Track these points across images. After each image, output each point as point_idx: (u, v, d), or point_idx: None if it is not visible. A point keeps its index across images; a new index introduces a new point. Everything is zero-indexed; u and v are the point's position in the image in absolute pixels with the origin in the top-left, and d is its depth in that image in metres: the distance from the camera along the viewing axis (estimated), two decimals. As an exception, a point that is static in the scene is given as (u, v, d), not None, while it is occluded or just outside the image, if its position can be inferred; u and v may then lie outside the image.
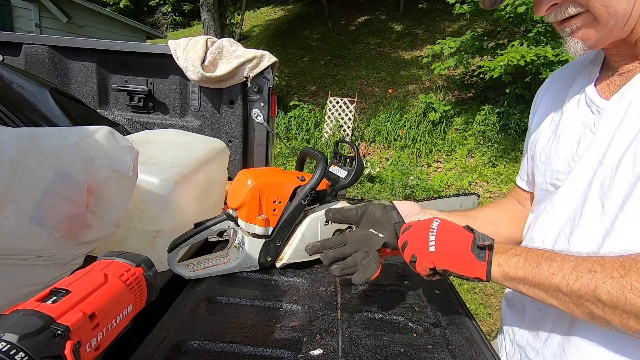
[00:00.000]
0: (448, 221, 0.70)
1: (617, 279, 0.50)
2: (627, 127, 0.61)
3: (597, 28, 0.60)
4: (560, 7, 0.62)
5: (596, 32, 0.61)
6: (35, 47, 1.61)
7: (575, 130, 0.72)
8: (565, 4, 0.61)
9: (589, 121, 0.69)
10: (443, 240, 0.65)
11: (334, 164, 1.06)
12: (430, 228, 0.68)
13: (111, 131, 0.81)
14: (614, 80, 0.69)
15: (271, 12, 15.72)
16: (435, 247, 0.65)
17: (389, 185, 5.75)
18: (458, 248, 0.64)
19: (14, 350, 0.34)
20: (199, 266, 0.90)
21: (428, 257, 0.66)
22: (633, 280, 0.49)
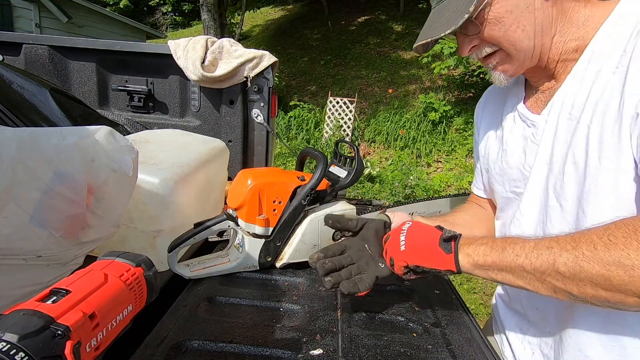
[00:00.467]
0: (419, 222, 0.77)
1: (570, 250, 0.56)
2: (561, 137, 0.73)
3: (512, 62, 0.75)
4: (479, 48, 0.76)
5: (511, 65, 0.75)
6: (35, 47, 1.61)
7: (518, 143, 0.84)
8: (482, 45, 0.75)
9: (528, 133, 0.82)
10: (412, 239, 0.72)
11: (334, 164, 1.06)
12: (401, 230, 0.75)
13: (111, 131, 0.81)
14: (539, 97, 0.82)
15: (271, 12, 15.72)
16: (405, 246, 0.72)
17: (389, 185, 5.75)
18: (426, 244, 0.71)
19: (14, 350, 0.34)
20: (199, 266, 0.90)
21: (400, 256, 0.72)
22: (584, 249, 0.55)
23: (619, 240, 0.53)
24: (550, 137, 0.75)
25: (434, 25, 0.75)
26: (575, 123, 0.70)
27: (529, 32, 0.71)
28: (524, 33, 0.71)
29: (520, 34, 0.71)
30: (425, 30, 0.77)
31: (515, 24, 0.71)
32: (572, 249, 0.56)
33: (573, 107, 0.71)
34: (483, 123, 1.00)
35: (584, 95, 0.69)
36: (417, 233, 0.73)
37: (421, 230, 0.74)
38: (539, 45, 0.73)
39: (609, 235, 0.54)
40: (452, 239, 0.69)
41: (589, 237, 0.56)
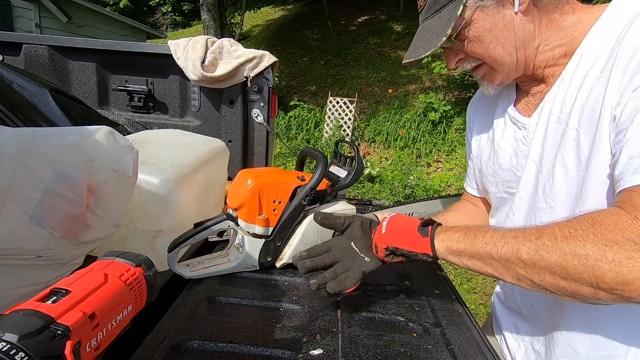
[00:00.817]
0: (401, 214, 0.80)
1: (533, 240, 0.59)
2: (550, 139, 0.75)
3: (496, 74, 0.79)
4: (464, 61, 0.81)
5: (497, 76, 0.80)
6: (35, 47, 1.61)
7: (509, 145, 0.86)
8: (467, 59, 0.80)
9: (519, 136, 0.84)
10: (393, 224, 0.76)
11: (334, 164, 1.06)
12: (385, 218, 0.79)
13: (111, 131, 0.81)
14: (530, 100, 0.84)
15: (271, 12, 15.72)
16: (385, 229, 0.76)
17: (389, 185, 5.75)
18: (405, 228, 0.75)
19: (14, 350, 0.34)
20: (199, 266, 0.90)
21: (381, 238, 0.76)
22: (545, 240, 0.58)
23: (577, 232, 0.56)
24: (540, 139, 0.78)
25: (418, 44, 0.78)
26: (563, 126, 0.72)
27: (509, 48, 0.75)
28: (504, 49, 0.75)
29: (500, 50, 0.75)
30: (411, 47, 0.81)
31: (494, 42, 0.74)
32: (535, 239, 0.59)
33: (561, 111, 0.73)
34: (475, 124, 1.02)
35: (572, 99, 0.71)
36: (398, 220, 0.77)
37: (402, 218, 0.77)
38: (522, 58, 0.76)
39: (569, 228, 0.57)
40: (430, 224, 0.73)
41: (552, 228, 0.59)
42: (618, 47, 0.64)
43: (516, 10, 0.72)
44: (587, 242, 0.54)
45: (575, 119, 0.69)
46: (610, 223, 0.54)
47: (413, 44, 0.81)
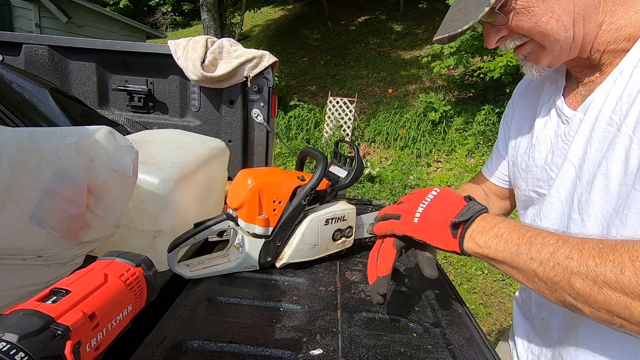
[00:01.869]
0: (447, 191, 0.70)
1: (592, 267, 0.49)
2: (596, 143, 0.64)
3: (545, 53, 0.66)
4: (507, 39, 0.68)
5: (545, 56, 0.66)
6: (35, 47, 1.61)
7: (549, 139, 0.76)
8: (511, 36, 0.67)
9: (560, 131, 0.73)
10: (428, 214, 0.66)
11: (334, 163, 1.06)
12: (424, 198, 0.69)
13: (111, 131, 0.81)
14: (579, 90, 0.72)
15: (271, 12, 15.72)
16: (419, 219, 0.67)
17: (389, 185, 5.75)
18: (438, 222, 0.65)
19: (14, 350, 0.34)
20: (199, 266, 0.90)
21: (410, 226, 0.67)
22: (608, 270, 0.47)
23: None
24: (583, 139, 0.67)
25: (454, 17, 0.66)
26: (615, 130, 0.60)
27: (565, 22, 0.61)
28: (559, 23, 0.61)
29: (554, 24, 0.61)
30: (444, 22, 0.69)
31: (548, 14, 0.61)
32: (594, 266, 0.48)
33: (615, 110, 0.61)
34: (518, 111, 0.91)
35: (630, 98, 0.59)
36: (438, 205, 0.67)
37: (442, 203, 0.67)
38: (580, 35, 0.63)
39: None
40: (461, 224, 0.63)
41: (619, 255, 0.47)
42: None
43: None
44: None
45: (631, 123, 0.58)
46: None
47: (447, 18, 0.68)
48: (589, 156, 0.65)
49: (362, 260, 1.05)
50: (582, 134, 0.67)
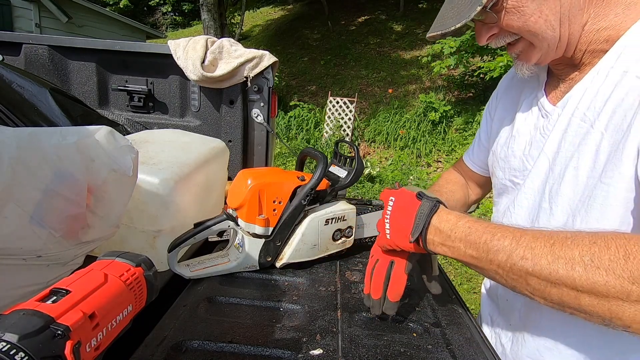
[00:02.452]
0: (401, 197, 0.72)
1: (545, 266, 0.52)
2: (570, 137, 0.68)
3: (535, 51, 0.69)
4: (498, 37, 0.71)
5: (535, 54, 0.70)
6: (35, 47, 1.61)
7: (529, 132, 0.80)
8: (501, 34, 0.70)
9: (540, 124, 0.77)
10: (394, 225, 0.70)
11: (334, 163, 1.06)
12: (387, 213, 0.71)
13: (111, 131, 0.81)
14: (560, 87, 0.76)
15: (271, 12, 15.72)
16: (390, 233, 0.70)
17: (389, 185, 5.75)
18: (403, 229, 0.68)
19: (14, 350, 0.34)
20: (199, 266, 0.90)
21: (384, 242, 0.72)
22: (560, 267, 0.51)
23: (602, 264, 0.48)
24: (559, 134, 0.71)
25: (447, 14, 0.68)
26: (588, 126, 0.64)
27: (552, 22, 0.64)
28: (547, 23, 0.64)
29: (542, 23, 0.64)
30: (437, 19, 0.71)
31: (536, 13, 0.64)
32: (547, 265, 0.52)
33: (589, 107, 0.65)
34: (502, 102, 0.94)
35: (604, 97, 0.63)
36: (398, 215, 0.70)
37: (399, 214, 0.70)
38: (566, 34, 0.66)
39: (593, 256, 0.49)
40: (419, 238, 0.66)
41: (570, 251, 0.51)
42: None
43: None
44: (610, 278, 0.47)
45: (603, 121, 0.62)
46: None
47: (440, 15, 0.70)
48: (562, 149, 0.69)
49: (362, 260, 1.05)
50: (558, 128, 0.71)
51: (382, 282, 0.73)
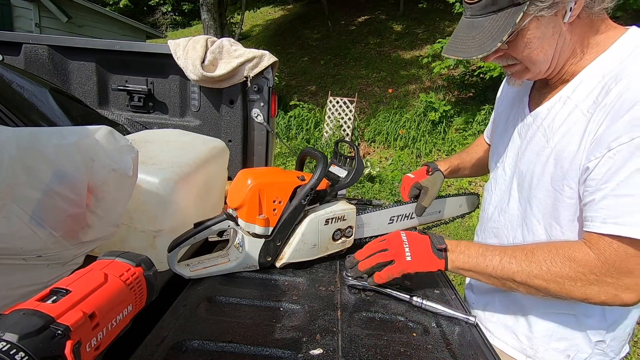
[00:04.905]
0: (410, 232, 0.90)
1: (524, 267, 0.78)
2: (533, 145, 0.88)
3: (528, 73, 0.85)
4: (502, 59, 0.85)
5: (527, 75, 0.86)
6: (35, 47, 1.61)
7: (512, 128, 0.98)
8: (505, 57, 0.84)
9: (519, 124, 0.95)
10: (415, 250, 0.85)
11: (334, 163, 1.06)
12: (402, 240, 0.87)
13: (111, 131, 0.81)
14: (538, 98, 0.92)
15: (271, 12, 15.72)
16: (411, 257, 0.84)
17: (389, 185, 5.75)
18: (424, 253, 0.85)
19: (14, 350, 0.34)
20: (199, 266, 0.90)
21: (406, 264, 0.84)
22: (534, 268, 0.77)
23: (556, 265, 0.76)
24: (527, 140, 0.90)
25: (468, 42, 0.79)
26: (545, 141, 0.84)
27: (549, 55, 0.79)
28: (545, 56, 0.79)
29: (541, 57, 0.79)
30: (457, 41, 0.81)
31: (539, 48, 0.78)
32: (525, 267, 0.78)
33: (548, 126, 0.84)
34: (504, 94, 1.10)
35: (559, 122, 0.81)
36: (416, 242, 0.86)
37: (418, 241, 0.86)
38: (553, 65, 0.81)
39: (551, 260, 0.76)
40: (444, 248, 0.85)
41: (536, 257, 0.78)
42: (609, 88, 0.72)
43: (566, 21, 0.74)
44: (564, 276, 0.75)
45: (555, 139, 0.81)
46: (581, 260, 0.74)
47: (459, 38, 0.81)
48: (526, 154, 0.90)
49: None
50: (528, 134, 0.90)
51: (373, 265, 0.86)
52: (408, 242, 0.86)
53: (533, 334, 0.94)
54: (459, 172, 1.30)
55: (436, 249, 0.84)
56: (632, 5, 4.86)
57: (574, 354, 0.92)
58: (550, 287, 0.76)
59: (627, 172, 0.68)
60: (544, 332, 0.93)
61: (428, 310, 0.82)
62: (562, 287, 0.75)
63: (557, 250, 0.77)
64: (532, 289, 0.78)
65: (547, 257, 0.77)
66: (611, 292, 0.73)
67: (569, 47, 0.79)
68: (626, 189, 0.68)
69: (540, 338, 0.94)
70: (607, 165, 0.70)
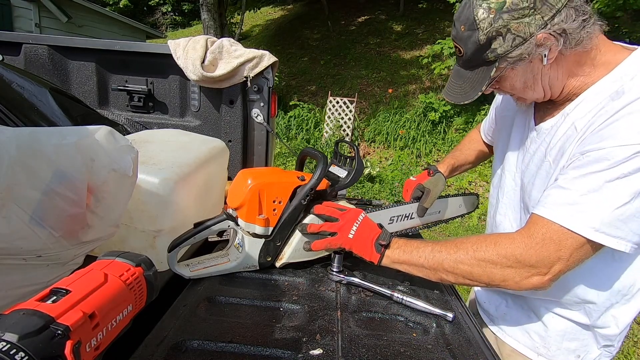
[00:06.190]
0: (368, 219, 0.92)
1: (452, 254, 0.82)
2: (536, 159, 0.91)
3: (527, 100, 0.91)
4: (499, 90, 0.91)
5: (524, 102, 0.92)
6: (35, 47, 1.61)
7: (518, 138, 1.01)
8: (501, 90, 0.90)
9: (525, 136, 0.98)
10: (360, 233, 0.88)
11: (334, 163, 1.06)
12: (356, 220, 0.89)
13: (111, 131, 0.81)
14: (542, 109, 0.94)
15: (271, 12, 15.72)
16: (353, 236, 0.88)
17: (389, 185, 5.75)
18: (366, 240, 0.88)
19: (14, 350, 0.34)
20: (199, 266, 0.90)
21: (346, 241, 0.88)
22: (460, 254, 0.82)
23: (481, 250, 0.80)
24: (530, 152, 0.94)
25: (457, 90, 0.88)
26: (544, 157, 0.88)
27: (538, 89, 0.84)
28: (534, 92, 0.85)
29: (530, 93, 0.86)
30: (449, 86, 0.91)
31: (524, 87, 0.84)
32: (453, 254, 0.82)
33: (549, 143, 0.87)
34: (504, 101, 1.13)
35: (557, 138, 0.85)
36: (365, 229, 0.89)
37: (368, 228, 0.89)
38: (549, 93, 0.85)
39: (478, 245, 0.81)
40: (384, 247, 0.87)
41: (464, 246, 0.82)
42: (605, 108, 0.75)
43: (545, 64, 0.79)
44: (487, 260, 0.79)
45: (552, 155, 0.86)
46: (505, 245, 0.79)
47: (452, 83, 0.91)
48: (529, 167, 0.93)
49: (362, 259, 1.05)
50: (531, 148, 0.94)
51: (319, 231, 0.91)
52: (360, 223, 0.89)
53: (547, 333, 0.97)
54: (455, 172, 1.33)
55: (378, 244, 0.87)
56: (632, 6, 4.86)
57: (584, 354, 0.96)
58: (474, 270, 0.80)
59: (580, 172, 0.74)
60: (558, 332, 0.96)
61: (408, 306, 0.84)
62: (484, 270, 0.80)
63: (485, 238, 0.82)
64: (459, 276, 0.82)
65: (475, 244, 0.82)
66: (525, 275, 0.78)
67: (559, 80, 0.83)
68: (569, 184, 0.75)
69: (553, 337, 0.96)
70: (573, 165, 0.77)
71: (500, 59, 0.79)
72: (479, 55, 0.80)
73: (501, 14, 0.75)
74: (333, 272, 0.92)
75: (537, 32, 0.75)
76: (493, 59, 0.79)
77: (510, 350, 1.05)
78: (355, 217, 0.90)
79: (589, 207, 0.72)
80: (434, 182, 1.19)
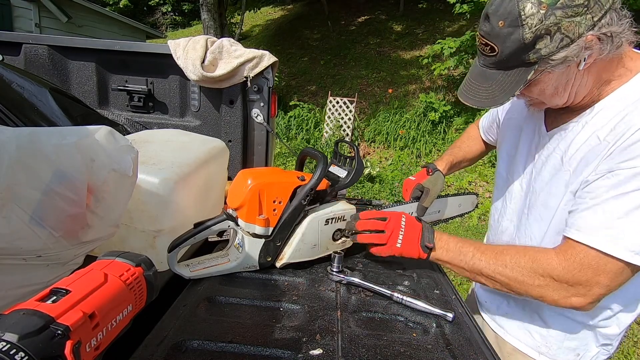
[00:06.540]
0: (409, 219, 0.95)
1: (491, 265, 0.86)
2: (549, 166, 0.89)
3: (545, 106, 0.88)
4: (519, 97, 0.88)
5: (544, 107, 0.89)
6: (35, 47, 1.61)
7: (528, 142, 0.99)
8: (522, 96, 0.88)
9: (535, 141, 0.97)
10: (406, 240, 0.92)
11: (334, 163, 1.06)
12: (400, 227, 0.93)
13: (111, 131, 0.81)
14: (556, 118, 0.91)
15: (271, 12, 15.72)
16: (401, 244, 0.92)
17: (389, 185, 5.75)
18: (413, 244, 0.92)
19: (14, 350, 0.34)
20: (199, 266, 0.90)
21: (395, 250, 0.92)
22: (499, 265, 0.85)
23: (520, 266, 0.82)
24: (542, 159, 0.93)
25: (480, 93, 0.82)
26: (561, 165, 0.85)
27: (564, 96, 0.81)
28: (561, 98, 0.82)
29: (557, 99, 0.82)
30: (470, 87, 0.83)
31: (554, 93, 0.81)
32: (492, 264, 0.86)
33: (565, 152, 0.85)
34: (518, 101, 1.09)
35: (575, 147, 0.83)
36: (410, 233, 0.92)
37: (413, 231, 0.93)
38: (571, 100, 0.83)
39: (517, 261, 0.83)
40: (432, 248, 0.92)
41: (503, 258, 0.85)
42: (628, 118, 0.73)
43: (580, 68, 0.75)
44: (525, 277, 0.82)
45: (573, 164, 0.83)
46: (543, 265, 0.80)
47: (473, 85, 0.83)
48: (542, 173, 0.91)
49: (362, 260, 1.05)
50: (543, 154, 0.92)
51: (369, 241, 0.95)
52: (405, 229, 0.92)
53: (549, 332, 0.98)
54: (453, 169, 1.33)
55: (425, 245, 0.91)
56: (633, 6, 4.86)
57: (583, 353, 0.97)
58: (512, 284, 0.84)
59: (613, 193, 0.72)
60: (560, 332, 0.97)
61: (408, 306, 0.83)
62: (521, 285, 0.82)
63: (524, 254, 0.83)
64: (496, 284, 0.86)
65: (514, 257, 0.84)
66: (563, 295, 0.79)
67: (586, 86, 0.79)
68: (603, 206, 0.73)
69: (555, 336, 0.98)
70: (602, 183, 0.74)
71: (541, 61, 0.72)
72: (519, 56, 0.72)
73: (554, 9, 0.67)
74: (333, 272, 0.92)
75: (586, 34, 0.68)
76: (534, 60, 0.72)
77: (511, 349, 1.06)
78: (399, 225, 0.92)
79: (627, 230, 0.70)
80: (433, 181, 1.19)
